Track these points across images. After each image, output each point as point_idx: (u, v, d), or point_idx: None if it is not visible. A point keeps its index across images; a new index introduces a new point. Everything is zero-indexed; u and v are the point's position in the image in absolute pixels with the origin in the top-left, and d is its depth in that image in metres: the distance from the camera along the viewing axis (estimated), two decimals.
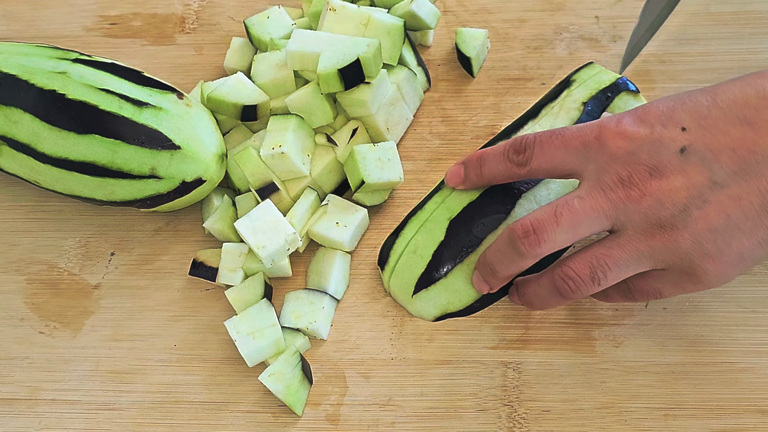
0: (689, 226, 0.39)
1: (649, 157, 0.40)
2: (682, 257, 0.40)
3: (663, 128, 0.40)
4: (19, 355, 0.52)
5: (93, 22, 0.65)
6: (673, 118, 0.40)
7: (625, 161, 0.40)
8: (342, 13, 0.53)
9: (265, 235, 0.49)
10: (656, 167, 0.40)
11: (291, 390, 0.48)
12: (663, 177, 0.40)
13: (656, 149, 0.40)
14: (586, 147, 0.42)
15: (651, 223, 0.40)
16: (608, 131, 0.41)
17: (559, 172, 0.44)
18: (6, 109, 0.52)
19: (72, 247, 0.56)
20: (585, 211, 0.41)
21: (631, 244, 0.41)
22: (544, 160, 0.44)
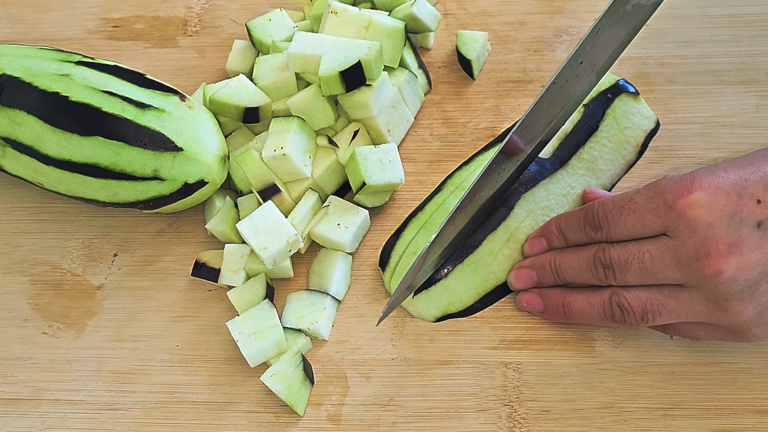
0: (756, 299, 0.41)
1: (727, 233, 0.40)
2: (738, 324, 0.42)
3: (739, 199, 0.40)
4: (22, 356, 0.53)
5: (96, 25, 0.65)
6: (747, 189, 0.41)
7: (703, 234, 0.40)
8: (343, 16, 0.53)
9: (267, 237, 0.50)
10: (735, 243, 0.40)
11: (293, 390, 0.48)
12: (740, 253, 0.40)
13: (735, 223, 0.40)
14: (661, 218, 0.42)
15: (719, 294, 0.41)
16: (684, 201, 0.41)
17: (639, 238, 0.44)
18: (10, 111, 0.52)
19: (75, 249, 0.56)
20: (653, 270, 0.42)
21: (690, 303, 0.42)
22: (623, 234, 0.44)
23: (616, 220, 0.44)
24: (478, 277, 0.50)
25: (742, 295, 0.41)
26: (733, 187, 0.41)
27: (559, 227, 0.48)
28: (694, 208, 0.41)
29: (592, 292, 0.46)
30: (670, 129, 0.55)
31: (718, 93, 0.56)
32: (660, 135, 0.55)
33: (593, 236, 0.45)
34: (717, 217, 0.40)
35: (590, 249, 0.45)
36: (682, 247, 0.41)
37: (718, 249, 0.40)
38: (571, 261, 0.47)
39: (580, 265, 0.46)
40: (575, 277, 0.47)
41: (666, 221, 0.42)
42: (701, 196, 0.41)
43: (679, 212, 0.41)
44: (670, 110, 0.56)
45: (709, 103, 0.56)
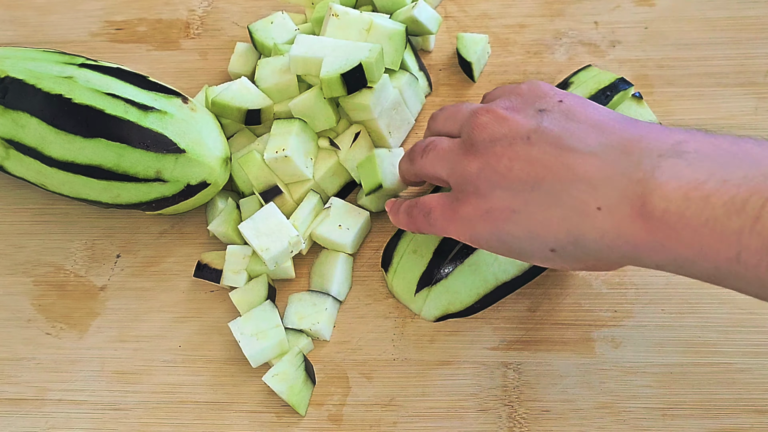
0: (485, 155, 0.41)
1: (508, 103, 0.43)
2: (465, 177, 0.42)
3: (540, 98, 0.42)
4: (26, 356, 0.53)
5: (99, 28, 0.66)
6: (557, 93, 0.42)
7: (489, 106, 0.43)
8: (344, 19, 0.53)
9: (269, 238, 0.50)
10: (513, 107, 0.42)
11: (294, 390, 0.48)
12: (508, 116, 0.41)
13: (523, 101, 0.42)
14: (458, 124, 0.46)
15: (467, 140, 0.42)
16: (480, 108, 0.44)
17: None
18: (13, 113, 0.53)
19: (78, 250, 0.57)
20: (445, 125, 0.47)
21: (453, 144, 0.44)
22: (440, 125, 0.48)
23: (435, 118, 0.49)
24: (478, 277, 0.50)
25: (479, 146, 0.41)
26: (545, 92, 0.43)
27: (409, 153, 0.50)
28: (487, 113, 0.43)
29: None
30: None
31: (716, 95, 0.56)
32: None
33: (422, 146, 0.47)
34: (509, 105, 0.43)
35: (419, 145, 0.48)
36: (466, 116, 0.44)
37: (497, 107, 0.42)
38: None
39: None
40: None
41: (461, 126, 0.44)
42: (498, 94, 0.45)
43: (473, 110, 0.44)
44: (669, 112, 0.56)
45: (707, 105, 0.56)
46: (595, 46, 0.60)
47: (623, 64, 0.58)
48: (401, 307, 0.52)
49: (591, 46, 0.60)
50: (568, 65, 0.59)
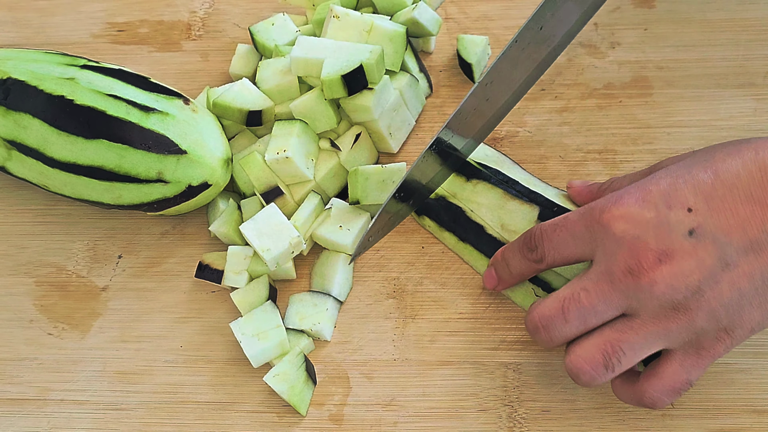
0: (703, 305, 0.39)
1: (656, 242, 0.39)
2: (697, 333, 0.40)
3: (668, 210, 0.39)
4: (28, 356, 0.53)
5: (101, 29, 0.66)
6: (677, 197, 0.39)
7: (631, 247, 0.39)
8: (345, 21, 0.54)
9: (270, 239, 0.50)
10: (665, 252, 0.38)
11: (295, 390, 0.48)
12: (673, 261, 0.38)
13: (664, 233, 0.39)
14: (591, 232, 0.41)
15: (665, 306, 0.39)
16: (610, 215, 0.40)
17: (573, 260, 0.43)
18: (15, 115, 0.53)
19: (80, 250, 0.57)
20: (593, 306, 0.40)
21: (646, 327, 0.40)
22: (557, 254, 0.43)
23: (550, 237, 0.43)
24: None
25: (687, 303, 0.39)
26: (661, 198, 0.39)
27: (503, 254, 0.48)
28: (620, 221, 0.40)
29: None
30: (669, 132, 0.56)
31: (715, 96, 0.56)
32: (658, 138, 0.56)
33: (529, 257, 0.45)
34: (643, 230, 0.39)
35: (531, 319, 0.43)
36: (613, 265, 0.39)
37: (648, 259, 0.38)
38: (510, 250, 0.46)
39: (513, 253, 0.46)
40: (519, 267, 0.46)
41: (594, 235, 0.41)
42: (627, 210, 0.40)
43: (605, 226, 0.40)
44: (668, 113, 0.56)
45: (707, 107, 0.56)
46: (595, 48, 0.60)
47: (623, 65, 0.59)
48: (402, 307, 0.52)
49: (591, 48, 0.60)
50: (567, 67, 0.59)
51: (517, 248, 0.46)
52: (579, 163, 0.55)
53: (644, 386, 0.41)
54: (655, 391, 0.41)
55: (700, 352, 0.40)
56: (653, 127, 0.56)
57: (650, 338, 0.40)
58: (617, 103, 0.57)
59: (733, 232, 0.38)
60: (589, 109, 0.57)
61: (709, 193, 0.39)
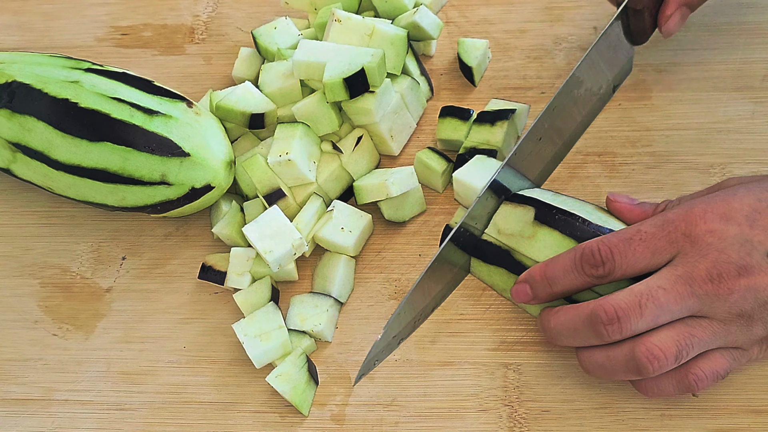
0: (764, 317, 0.43)
1: (738, 257, 0.42)
2: (751, 338, 0.43)
3: (750, 229, 0.42)
4: (33, 357, 0.54)
5: (105, 33, 0.66)
6: (759, 219, 0.42)
7: (714, 259, 0.42)
8: (347, 24, 0.54)
9: (273, 240, 0.51)
10: (745, 267, 0.42)
11: (297, 391, 0.49)
12: (750, 276, 0.42)
13: (746, 250, 0.42)
14: (673, 245, 0.43)
15: (732, 313, 0.42)
16: (698, 229, 0.42)
17: (644, 272, 0.44)
18: (20, 118, 0.53)
19: (84, 252, 0.57)
20: (669, 304, 0.42)
21: (713, 327, 0.43)
22: (629, 267, 0.43)
23: (624, 253, 0.43)
24: None
25: (752, 313, 0.42)
26: (745, 218, 0.42)
27: (543, 273, 0.46)
28: (707, 235, 0.42)
29: (611, 347, 0.44)
30: (668, 135, 0.56)
31: (714, 100, 0.57)
32: (657, 140, 0.56)
33: (593, 274, 0.44)
34: (728, 244, 0.42)
35: (584, 308, 0.43)
36: (694, 271, 0.42)
37: (729, 271, 0.41)
38: (565, 323, 0.45)
39: (575, 327, 0.44)
40: (572, 341, 0.45)
41: (677, 247, 0.43)
42: (714, 225, 0.42)
43: (693, 239, 0.42)
44: (667, 116, 0.57)
45: (705, 110, 0.57)
46: None
47: None
48: None
49: None
50: (567, 70, 0.60)
51: (572, 266, 0.45)
52: (579, 165, 0.56)
53: (693, 366, 0.43)
54: (702, 371, 0.43)
55: (745, 352, 0.44)
56: (652, 129, 0.56)
57: (715, 337, 0.43)
58: (616, 106, 0.58)
59: None
60: None
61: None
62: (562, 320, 0.45)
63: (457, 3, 0.64)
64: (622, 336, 0.43)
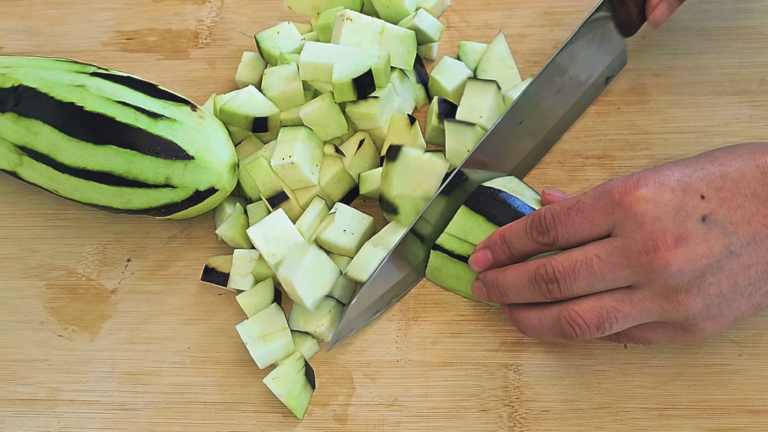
0: (702, 290, 0.41)
1: (674, 226, 0.41)
2: (687, 317, 0.42)
3: (683, 195, 0.42)
4: (38, 358, 0.54)
5: (110, 37, 0.67)
6: (691, 185, 0.42)
7: (651, 228, 0.41)
8: (357, 23, 0.55)
9: (276, 243, 0.51)
10: (681, 236, 0.41)
11: (293, 394, 0.49)
12: (687, 245, 0.41)
13: (681, 217, 0.41)
14: (609, 215, 0.43)
15: (668, 287, 0.41)
16: (632, 197, 0.42)
17: (586, 241, 0.44)
18: (26, 121, 0.54)
19: (90, 254, 0.58)
20: (603, 273, 0.42)
21: (644, 303, 0.42)
22: (570, 237, 0.44)
23: (564, 222, 0.44)
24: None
25: (689, 287, 0.41)
26: (677, 184, 0.42)
27: (503, 237, 0.47)
28: (641, 203, 0.41)
29: (542, 308, 0.45)
30: (666, 138, 0.57)
31: (712, 103, 0.57)
32: (656, 144, 0.57)
33: (540, 240, 0.45)
34: (663, 211, 0.41)
35: (530, 265, 0.45)
36: (630, 243, 0.41)
37: (666, 241, 0.41)
38: (513, 280, 0.46)
39: (522, 283, 0.45)
40: (519, 297, 0.46)
41: (613, 218, 0.42)
42: (647, 192, 0.42)
43: (626, 208, 0.42)
44: (665, 120, 0.57)
45: (703, 113, 0.57)
46: None
47: (621, 73, 0.59)
48: (404, 309, 0.53)
49: None
50: None
51: (523, 231, 0.46)
52: (578, 168, 0.56)
53: (570, 311, 0.44)
54: (581, 316, 0.43)
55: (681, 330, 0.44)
56: (651, 133, 0.57)
57: (645, 313, 0.43)
58: (615, 109, 0.58)
59: (739, 223, 0.41)
60: (588, 115, 0.58)
61: (719, 185, 0.42)
62: (510, 277, 0.46)
63: (457, 8, 0.65)
64: (562, 296, 0.44)
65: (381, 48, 0.54)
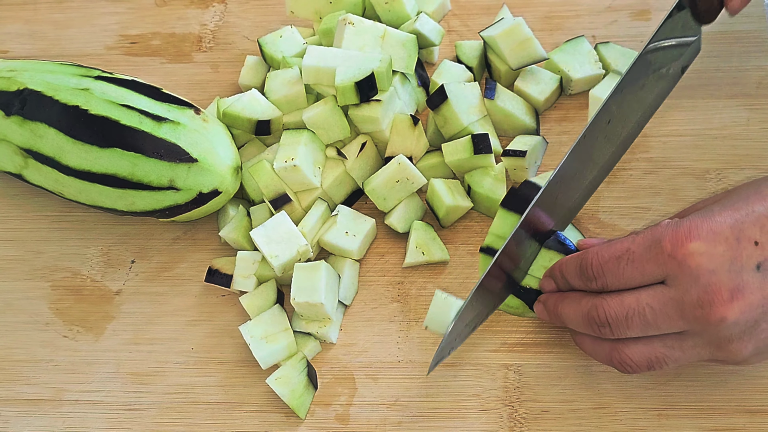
0: (755, 336, 0.41)
1: (729, 279, 0.40)
2: (737, 360, 0.43)
3: (737, 243, 0.41)
4: (44, 358, 0.55)
5: (114, 41, 0.67)
6: (744, 232, 0.41)
7: (706, 282, 0.40)
8: (360, 27, 0.55)
9: (279, 245, 0.52)
10: (737, 288, 0.40)
11: (296, 394, 0.50)
12: (743, 297, 0.40)
13: (736, 268, 0.40)
14: (661, 267, 0.42)
15: (721, 337, 0.41)
16: (684, 250, 0.41)
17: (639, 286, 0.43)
18: (32, 124, 0.54)
19: (94, 255, 0.58)
20: (657, 323, 0.42)
21: (695, 350, 0.42)
22: (621, 284, 0.43)
23: (614, 272, 0.43)
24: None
25: (742, 336, 0.41)
26: (731, 232, 0.41)
27: (561, 271, 0.47)
28: (695, 256, 0.40)
29: (597, 340, 0.45)
30: (665, 141, 0.57)
31: (710, 106, 0.58)
32: (654, 147, 0.57)
33: (589, 286, 0.45)
34: (718, 264, 0.40)
35: (585, 302, 0.44)
36: (685, 296, 0.41)
37: (722, 296, 0.40)
38: (569, 312, 0.46)
39: (577, 319, 0.45)
40: (576, 326, 0.46)
41: (666, 269, 0.41)
42: (701, 244, 0.41)
43: (680, 261, 0.41)
44: (664, 123, 0.58)
45: (701, 116, 0.57)
46: None
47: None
48: (406, 311, 0.53)
49: None
50: None
51: (575, 274, 0.46)
52: None
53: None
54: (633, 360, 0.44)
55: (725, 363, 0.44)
56: (649, 136, 0.57)
57: (695, 358, 0.43)
58: None
59: None
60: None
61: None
62: (566, 310, 0.46)
63: (458, 12, 0.65)
64: (614, 337, 0.44)
65: (383, 52, 0.55)
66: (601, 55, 0.59)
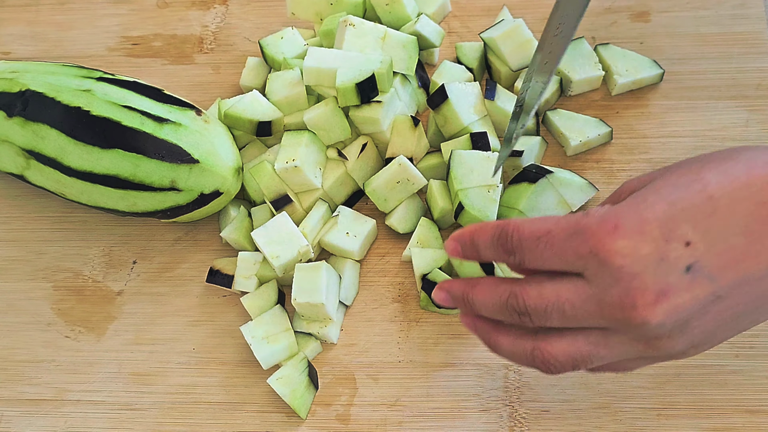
0: (686, 333, 0.38)
1: (654, 282, 0.36)
2: (670, 354, 0.39)
3: (666, 244, 0.37)
4: (46, 358, 0.55)
5: (116, 43, 0.68)
6: (674, 231, 0.37)
7: (627, 285, 0.37)
8: (360, 28, 0.55)
9: (280, 246, 0.52)
10: (662, 291, 0.36)
11: (297, 394, 0.50)
12: (668, 300, 0.37)
13: (662, 271, 0.36)
14: (581, 260, 0.38)
15: (647, 336, 0.38)
16: (607, 249, 0.37)
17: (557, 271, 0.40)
18: (34, 125, 0.54)
19: (96, 256, 0.59)
20: (576, 318, 0.39)
21: (621, 347, 0.39)
22: (538, 265, 0.40)
23: (532, 250, 0.39)
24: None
25: (671, 334, 0.38)
26: (659, 231, 0.37)
27: (472, 238, 0.42)
28: (618, 257, 0.36)
29: (516, 336, 0.42)
30: (664, 142, 0.57)
31: (709, 108, 0.58)
32: (654, 148, 0.57)
33: (506, 259, 0.41)
34: (642, 266, 0.36)
35: (504, 289, 0.41)
36: (605, 296, 0.37)
37: (644, 299, 0.36)
38: (484, 298, 0.42)
39: (494, 307, 0.41)
40: (492, 314, 0.42)
41: (586, 263, 0.38)
42: (625, 244, 0.37)
43: (601, 259, 0.37)
44: (663, 124, 0.58)
45: (700, 118, 0.58)
46: None
47: None
48: (406, 311, 0.54)
49: None
50: None
51: (491, 243, 0.41)
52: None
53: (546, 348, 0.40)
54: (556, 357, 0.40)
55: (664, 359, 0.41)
56: (649, 137, 0.58)
57: (622, 355, 0.40)
58: (614, 114, 0.59)
59: (728, 267, 0.37)
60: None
61: (707, 227, 0.37)
62: (480, 296, 0.42)
63: (458, 13, 0.65)
64: (535, 326, 0.40)
65: (383, 53, 0.55)
66: (601, 57, 0.60)
